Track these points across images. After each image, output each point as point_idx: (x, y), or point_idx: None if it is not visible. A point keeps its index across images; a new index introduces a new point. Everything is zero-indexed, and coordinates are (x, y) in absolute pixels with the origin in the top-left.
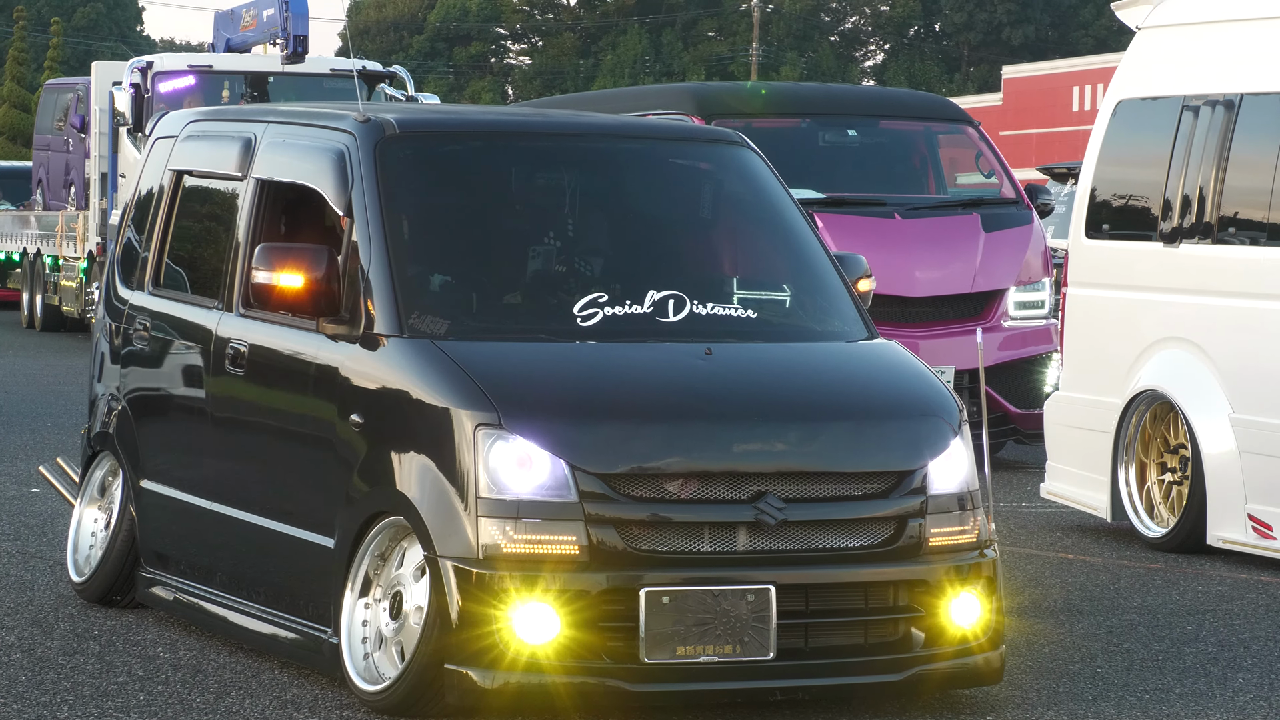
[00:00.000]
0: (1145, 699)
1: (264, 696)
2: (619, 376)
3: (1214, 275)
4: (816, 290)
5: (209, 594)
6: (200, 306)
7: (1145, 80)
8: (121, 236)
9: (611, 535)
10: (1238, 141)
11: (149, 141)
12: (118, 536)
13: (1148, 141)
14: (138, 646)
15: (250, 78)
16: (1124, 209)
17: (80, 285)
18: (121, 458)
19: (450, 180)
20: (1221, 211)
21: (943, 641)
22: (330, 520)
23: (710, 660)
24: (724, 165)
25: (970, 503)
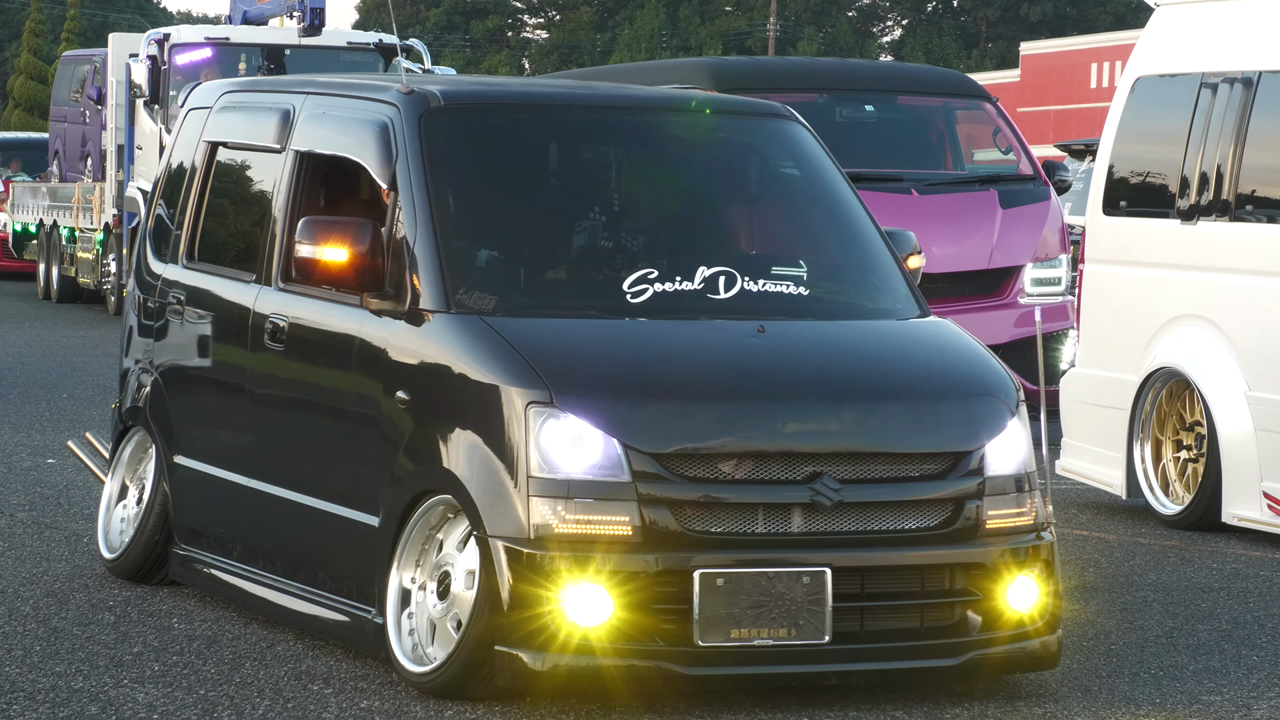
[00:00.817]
0: (1159, 676)
1: (279, 668)
2: (671, 354)
3: (1231, 253)
4: (867, 267)
5: (247, 571)
6: (237, 280)
7: (1163, 57)
8: (154, 209)
9: (665, 516)
10: (1256, 119)
11: (181, 112)
12: (150, 513)
13: (1166, 119)
14: (153, 617)
15: (267, 50)
16: (1141, 186)
17: (96, 257)
18: (154, 433)
19: (495, 153)
20: (1239, 189)
21: (999, 625)
22: (374, 498)
23: (765, 643)
24: (772, 139)
25: (1028, 484)
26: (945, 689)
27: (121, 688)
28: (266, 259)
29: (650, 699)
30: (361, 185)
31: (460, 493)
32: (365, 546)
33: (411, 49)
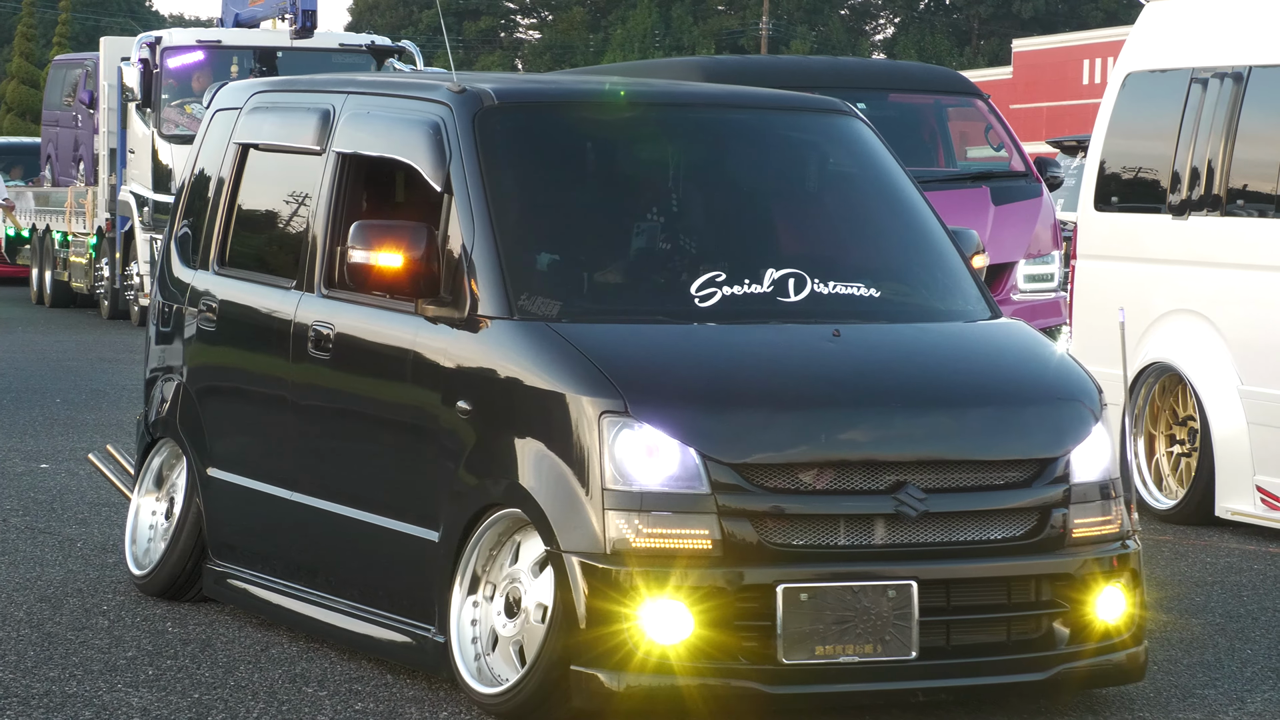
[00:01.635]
0: (1153, 670)
1: (273, 670)
2: (747, 360)
3: (1223, 247)
4: (936, 267)
5: (289, 588)
6: (275, 287)
7: (1154, 53)
8: (179, 214)
9: (746, 528)
10: (1246, 114)
11: (207, 114)
12: (183, 528)
13: (1157, 114)
14: (146, 621)
15: (259, 53)
16: (1133, 181)
17: (89, 261)
18: (186, 445)
19: (552, 153)
20: (1230, 183)
21: (1086, 638)
22: (433, 512)
23: (850, 660)
24: (834, 136)
25: (1113, 491)
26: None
27: (115, 692)
28: (308, 265)
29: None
30: (407, 188)
31: (530, 507)
32: (423, 562)
33: (404, 50)
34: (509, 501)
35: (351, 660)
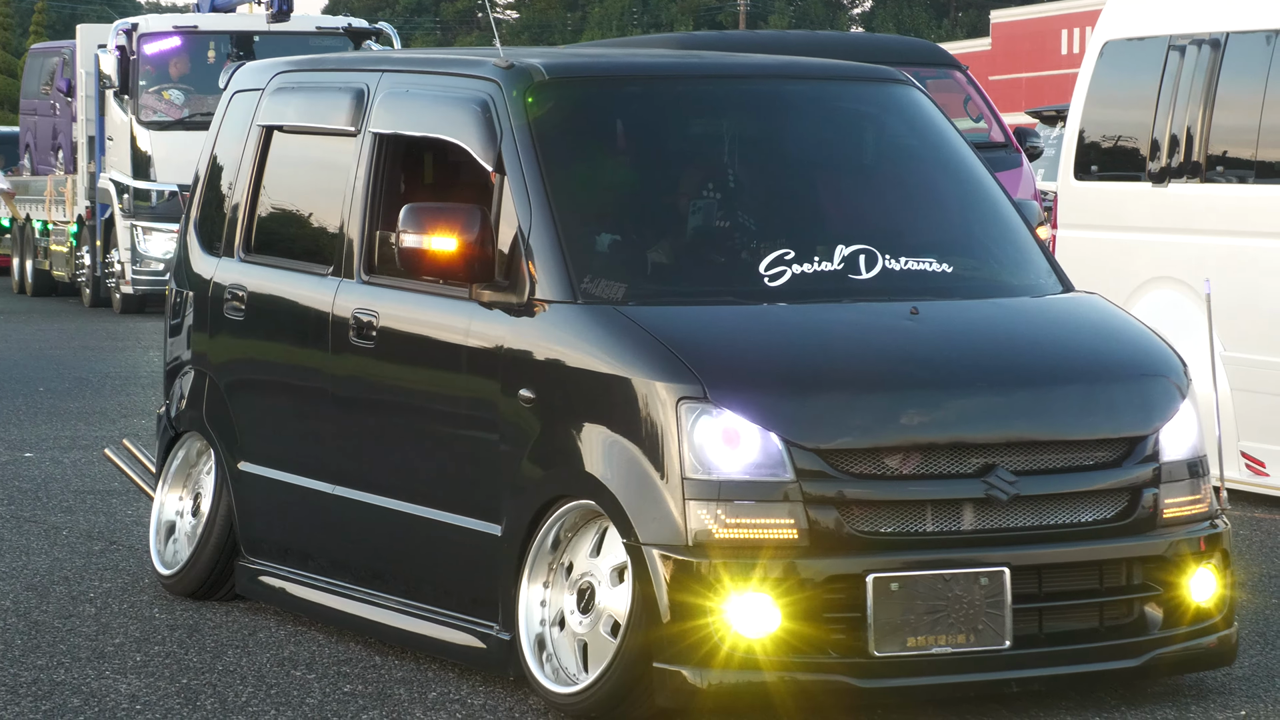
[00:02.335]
0: None
1: (261, 654)
2: (826, 342)
3: (1203, 214)
4: (1006, 240)
5: (334, 586)
6: (310, 274)
7: (1131, 21)
8: (197, 199)
9: (832, 516)
10: (1224, 80)
11: (224, 96)
12: (213, 525)
13: (1135, 82)
14: (133, 608)
15: (236, 37)
16: (1112, 150)
17: (70, 250)
18: (214, 439)
19: (606, 129)
20: (1209, 150)
21: (1180, 621)
22: (493, 505)
23: (943, 651)
24: (893, 107)
25: (1201, 469)
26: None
27: (104, 679)
28: (345, 250)
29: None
30: (448, 168)
31: (604, 498)
32: (485, 557)
33: (381, 32)
34: (579, 492)
35: (340, 643)
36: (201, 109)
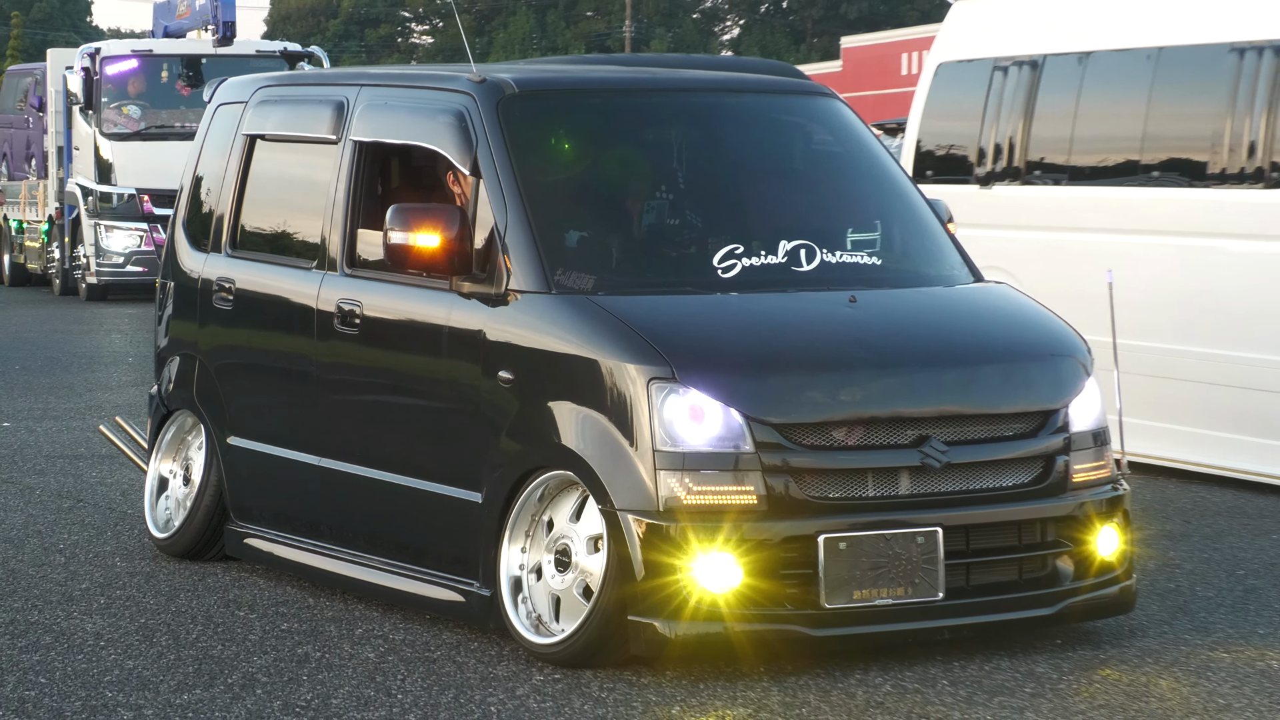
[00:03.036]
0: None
1: (209, 597)
2: (778, 327)
3: (1022, 212)
4: (924, 235)
5: (317, 547)
6: (294, 268)
7: (961, 45)
8: (185, 201)
9: (787, 484)
10: (1041, 96)
11: (208, 109)
12: (204, 493)
13: (964, 98)
14: (99, 557)
15: (186, 60)
16: (945, 157)
17: (42, 246)
18: (204, 416)
19: (571, 137)
20: (1029, 157)
21: (1087, 573)
22: (473, 475)
23: (885, 603)
24: (820, 117)
25: (1103, 438)
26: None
27: (72, 619)
28: (329, 246)
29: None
30: (422, 172)
31: (580, 468)
32: (466, 522)
33: (313, 55)
34: (557, 464)
35: (278, 586)
36: (156, 122)
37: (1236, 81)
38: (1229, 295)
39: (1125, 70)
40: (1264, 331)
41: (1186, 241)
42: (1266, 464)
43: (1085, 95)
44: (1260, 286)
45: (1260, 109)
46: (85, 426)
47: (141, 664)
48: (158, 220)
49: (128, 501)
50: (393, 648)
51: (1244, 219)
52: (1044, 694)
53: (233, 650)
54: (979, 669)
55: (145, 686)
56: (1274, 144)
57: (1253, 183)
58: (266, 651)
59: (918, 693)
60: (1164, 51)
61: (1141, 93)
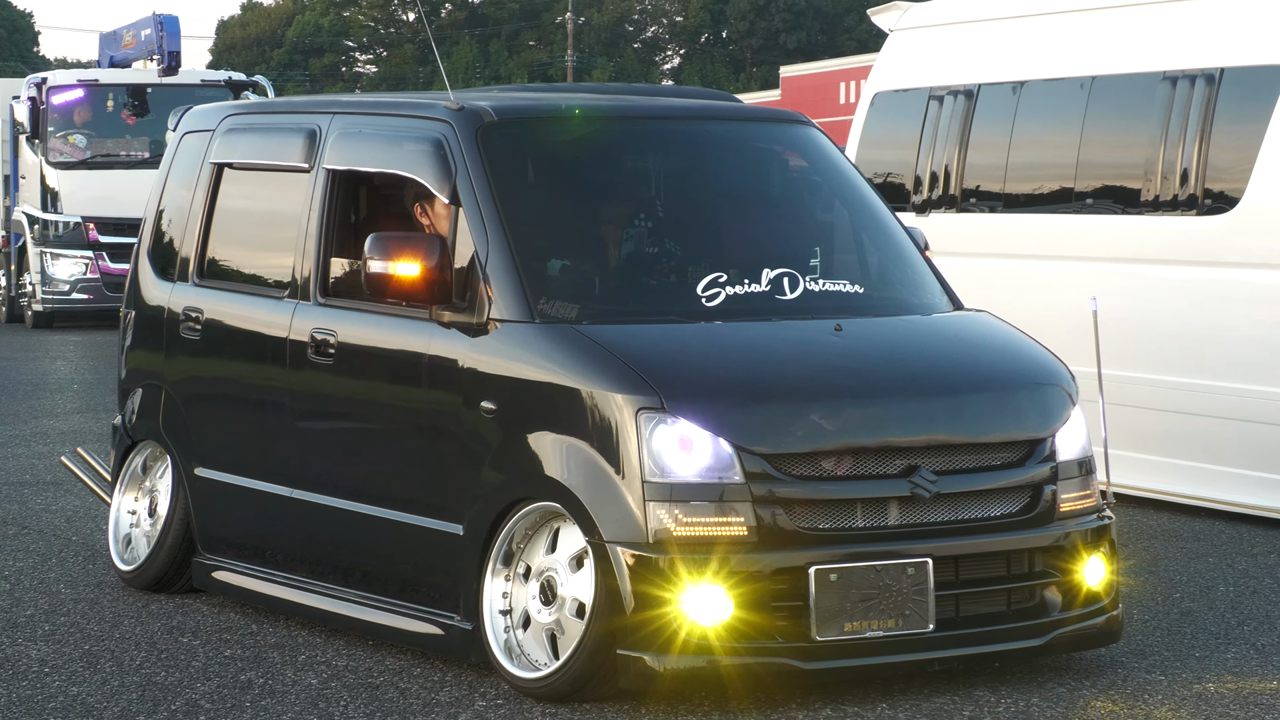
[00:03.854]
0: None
1: (153, 623)
2: (765, 356)
3: (959, 239)
4: (904, 263)
5: (290, 580)
6: (266, 297)
7: (898, 75)
8: (150, 231)
9: (778, 515)
10: (976, 125)
11: (173, 137)
12: (170, 525)
13: (901, 127)
14: (43, 584)
15: (131, 89)
16: (883, 185)
17: None
18: (171, 446)
19: (550, 165)
20: (964, 185)
21: (1076, 604)
22: (453, 506)
23: (876, 635)
24: (798, 144)
25: (1089, 467)
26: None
27: (16, 645)
28: (302, 275)
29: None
30: (392, 201)
31: (567, 499)
32: (447, 554)
33: (257, 84)
34: (542, 495)
35: (221, 613)
36: (101, 151)
37: (1169, 110)
38: (1162, 321)
39: (1059, 99)
40: (1195, 356)
41: (1120, 268)
42: (1200, 487)
43: (1020, 124)
44: (1193, 313)
45: (1192, 137)
46: (30, 454)
47: (86, 690)
48: (103, 248)
49: (72, 528)
50: (336, 674)
51: (1177, 245)
52: (982, 717)
53: (176, 677)
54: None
55: (89, 713)
56: (1206, 171)
57: (1185, 209)
58: (210, 678)
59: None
60: (1097, 80)
61: (1075, 121)
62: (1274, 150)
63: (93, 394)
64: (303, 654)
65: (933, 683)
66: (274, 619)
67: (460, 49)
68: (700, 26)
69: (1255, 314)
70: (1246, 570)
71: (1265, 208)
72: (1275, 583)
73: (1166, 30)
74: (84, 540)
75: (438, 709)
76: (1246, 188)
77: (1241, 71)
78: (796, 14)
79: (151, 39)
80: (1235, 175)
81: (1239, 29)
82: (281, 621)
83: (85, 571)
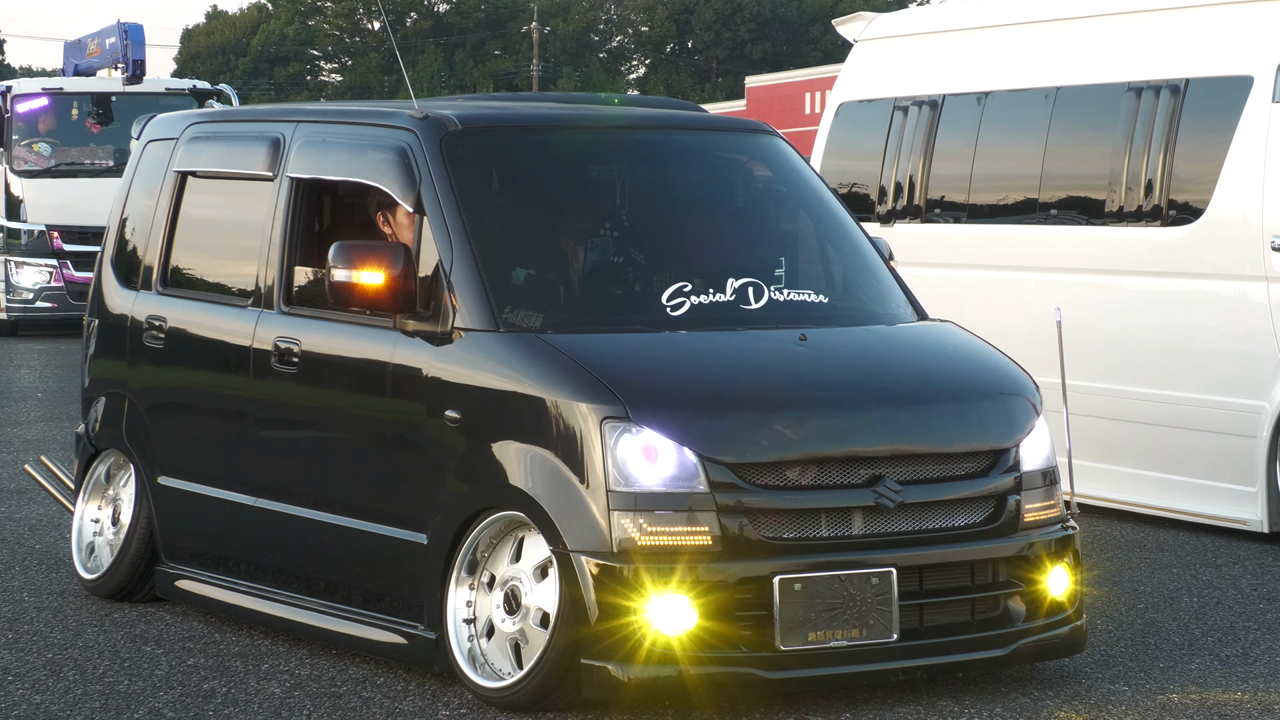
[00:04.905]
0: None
1: (116, 632)
2: (729, 366)
3: (923, 250)
4: (868, 273)
5: (253, 589)
6: (229, 305)
7: (862, 85)
8: (113, 239)
9: (743, 524)
10: (941, 136)
11: (137, 145)
12: (134, 534)
13: (865, 137)
14: (6, 592)
15: (96, 98)
16: (847, 195)
17: None
18: (134, 455)
19: (515, 174)
20: (929, 195)
21: (1040, 614)
22: (417, 515)
23: (840, 644)
24: (762, 154)
25: (1053, 477)
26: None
27: None
28: (265, 284)
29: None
30: (360, 209)
31: (532, 509)
32: (409, 563)
33: (222, 93)
34: (506, 504)
35: (184, 622)
36: (66, 159)
37: (1134, 121)
38: (1126, 332)
39: (1024, 110)
40: (1159, 367)
41: (1084, 279)
42: (1164, 498)
43: (984, 135)
44: (1158, 323)
45: (1157, 147)
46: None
47: (49, 699)
48: (67, 256)
49: (35, 537)
50: (299, 683)
51: (1141, 256)
52: None
53: (139, 685)
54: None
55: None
56: (1171, 182)
57: (1150, 220)
58: (173, 687)
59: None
60: (1062, 91)
61: (1040, 132)
62: (1239, 161)
63: (56, 402)
64: (266, 663)
65: (896, 693)
66: (237, 628)
67: (425, 58)
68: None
69: (1220, 325)
70: (1210, 581)
71: (1230, 219)
72: (1239, 594)
73: (1131, 41)
74: (47, 548)
75: (401, 718)
76: (1211, 198)
77: (1206, 82)
78: (762, 24)
79: (116, 47)
80: (1200, 186)
81: (1204, 40)
82: (245, 630)
83: (48, 580)
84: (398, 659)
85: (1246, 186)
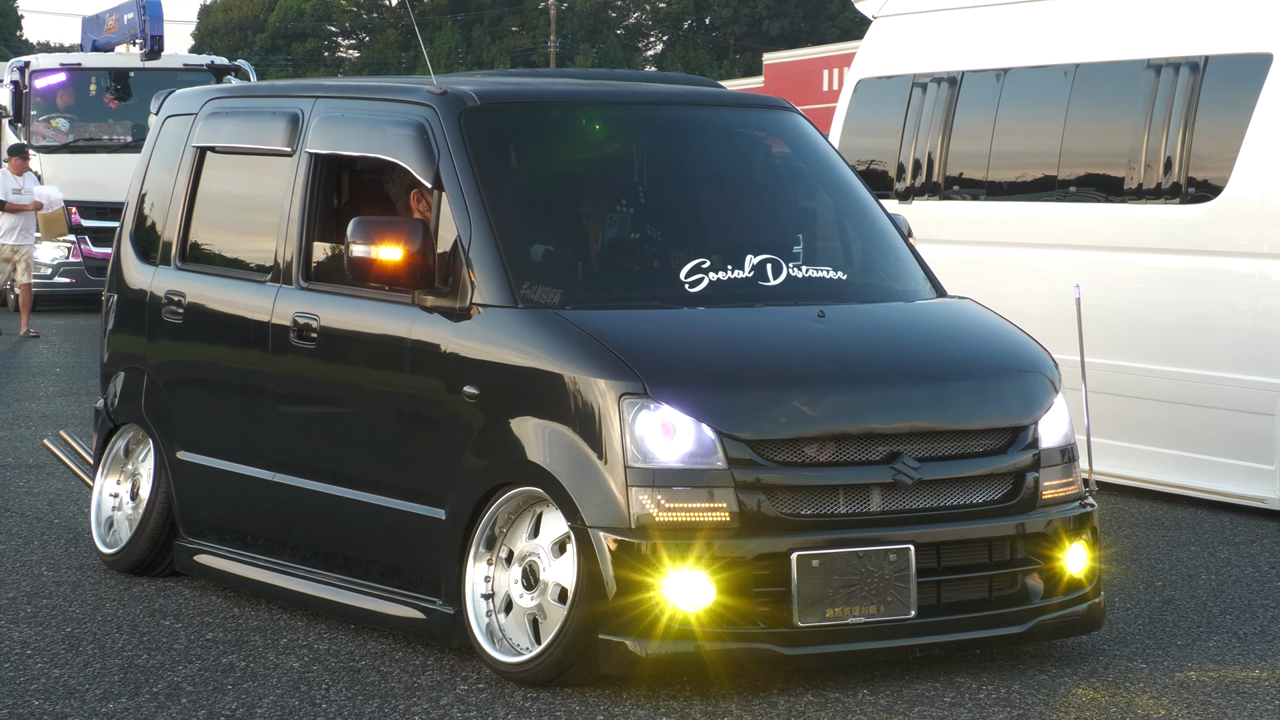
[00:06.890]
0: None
1: (135, 606)
2: (747, 342)
3: (942, 227)
4: (887, 250)
5: (272, 564)
6: (248, 281)
7: (881, 62)
8: (132, 215)
9: (761, 500)
10: (960, 112)
11: (156, 121)
12: (153, 508)
13: (884, 114)
14: (25, 566)
15: (114, 73)
16: (866, 172)
17: None
18: (153, 430)
19: (533, 150)
20: (948, 172)
21: (1057, 591)
22: (435, 491)
23: (858, 621)
24: (782, 130)
25: (1071, 454)
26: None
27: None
28: (284, 259)
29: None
30: (377, 185)
31: (550, 484)
32: (428, 538)
33: (239, 68)
34: (525, 480)
35: (203, 596)
36: (84, 134)
37: (1153, 98)
38: (1145, 309)
39: (1043, 87)
40: (1178, 345)
41: (1103, 256)
42: (1183, 475)
43: (1003, 111)
44: (1176, 301)
45: (1176, 125)
46: (13, 436)
47: (68, 672)
48: (86, 232)
49: (54, 511)
50: (317, 657)
51: (1160, 234)
52: (963, 704)
53: (158, 659)
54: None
55: (71, 695)
56: (1189, 159)
57: (1169, 198)
58: (191, 661)
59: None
60: (1081, 68)
61: (1059, 109)
62: (1258, 138)
63: (74, 378)
64: (284, 637)
65: (914, 669)
66: (256, 602)
67: (443, 34)
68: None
69: (1238, 302)
70: (1228, 559)
71: (1248, 196)
72: (1257, 571)
73: (1150, 18)
74: (66, 523)
75: (419, 692)
76: (1230, 176)
77: (1225, 59)
78: (780, 0)
79: (134, 23)
80: (1219, 163)
81: (1223, 17)
82: (263, 605)
83: (67, 554)
84: (416, 634)
85: (1266, 164)
